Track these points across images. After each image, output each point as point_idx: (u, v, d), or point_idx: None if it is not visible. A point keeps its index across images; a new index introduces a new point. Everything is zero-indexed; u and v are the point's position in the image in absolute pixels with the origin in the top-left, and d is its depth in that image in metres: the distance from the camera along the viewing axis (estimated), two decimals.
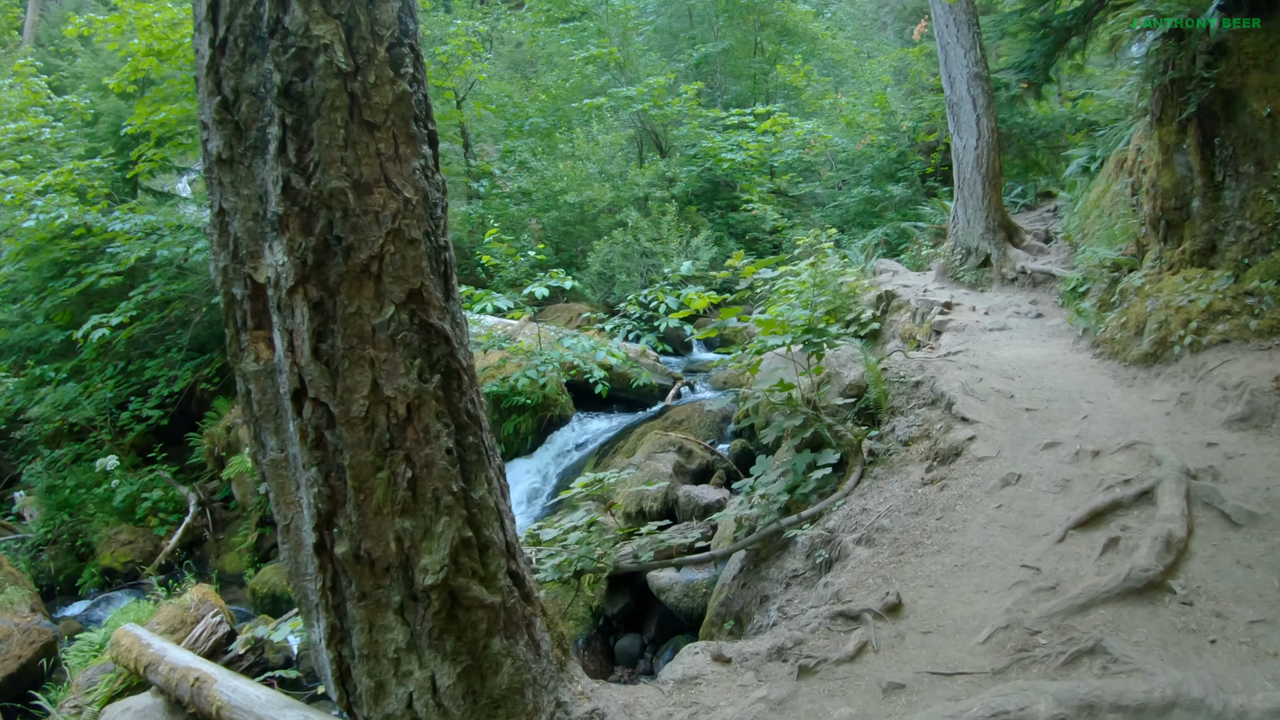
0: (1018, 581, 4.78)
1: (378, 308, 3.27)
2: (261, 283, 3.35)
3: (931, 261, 13.42)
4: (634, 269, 14.85)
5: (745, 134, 16.79)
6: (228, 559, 13.20)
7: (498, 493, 3.71)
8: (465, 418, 3.52)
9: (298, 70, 3.16)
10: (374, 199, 3.22)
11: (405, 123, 3.30)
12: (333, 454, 3.32)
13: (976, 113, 11.90)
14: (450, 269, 3.51)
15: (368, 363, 3.27)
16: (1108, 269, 9.12)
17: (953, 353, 8.83)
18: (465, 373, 3.52)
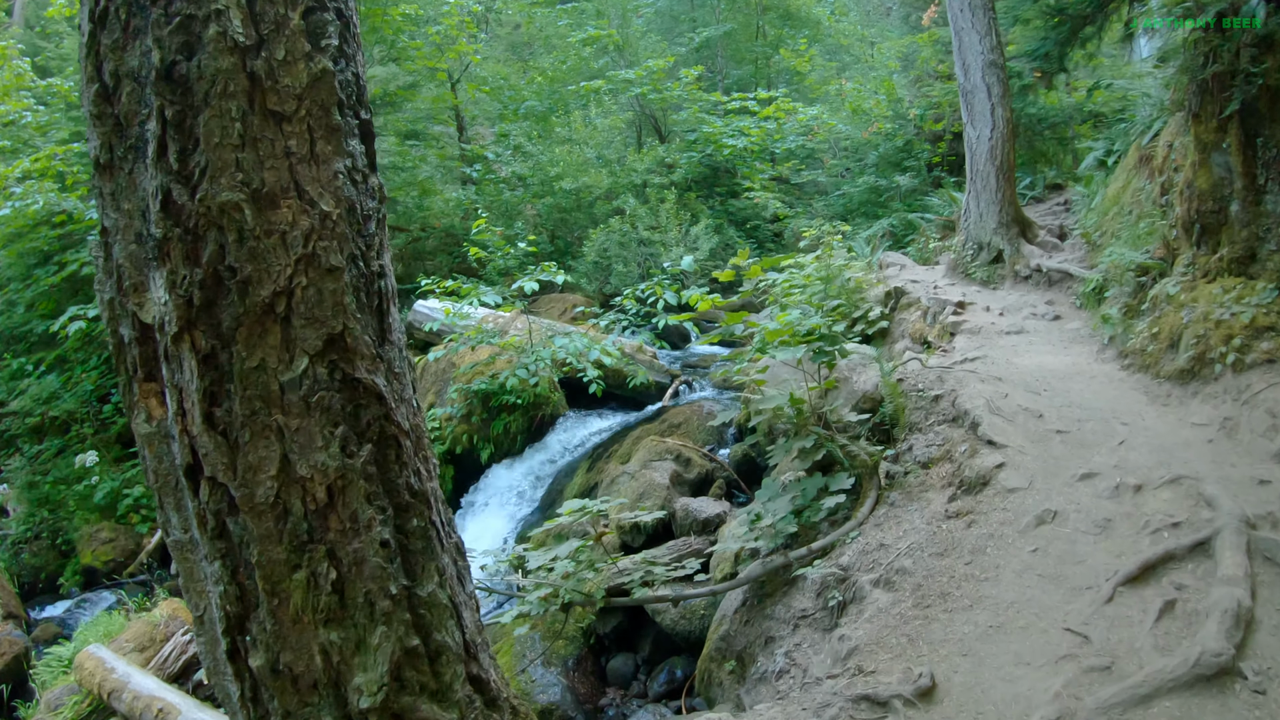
0: (1065, 655, 4.00)
1: (286, 360, 2.47)
2: (149, 323, 2.55)
3: (940, 255, 12.60)
4: (631, 258, 14.02)
5: (747, 119, 15.87)
6: None
7: (453, 581, 2.91)
8: (407, 496, 2.71)
9: (182, 46, 2.36)
10: (280, 215, 2.42)
11: (325, 111, 2.48)
12: (239, 547, 2.54)
13: (991, 102, 11.05)
14: (388, 301, 2.69)
15: (274, 433, 2.48)
16: (1133, 272, 8.31)
17: (970, 359, 8.04)
18: (407, 437, 2.72)
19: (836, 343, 6.64)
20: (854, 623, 4.99)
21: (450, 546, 2.94)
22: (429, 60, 14.65)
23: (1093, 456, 5.78)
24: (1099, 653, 3.95)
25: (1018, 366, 7.72)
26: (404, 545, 2.71)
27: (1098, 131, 14.86)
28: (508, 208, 15.52)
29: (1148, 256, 8.26)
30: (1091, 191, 11.90)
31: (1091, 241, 10.54)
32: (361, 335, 2.54)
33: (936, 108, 14.51)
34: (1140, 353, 7.40)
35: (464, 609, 2.94)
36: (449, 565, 2.88)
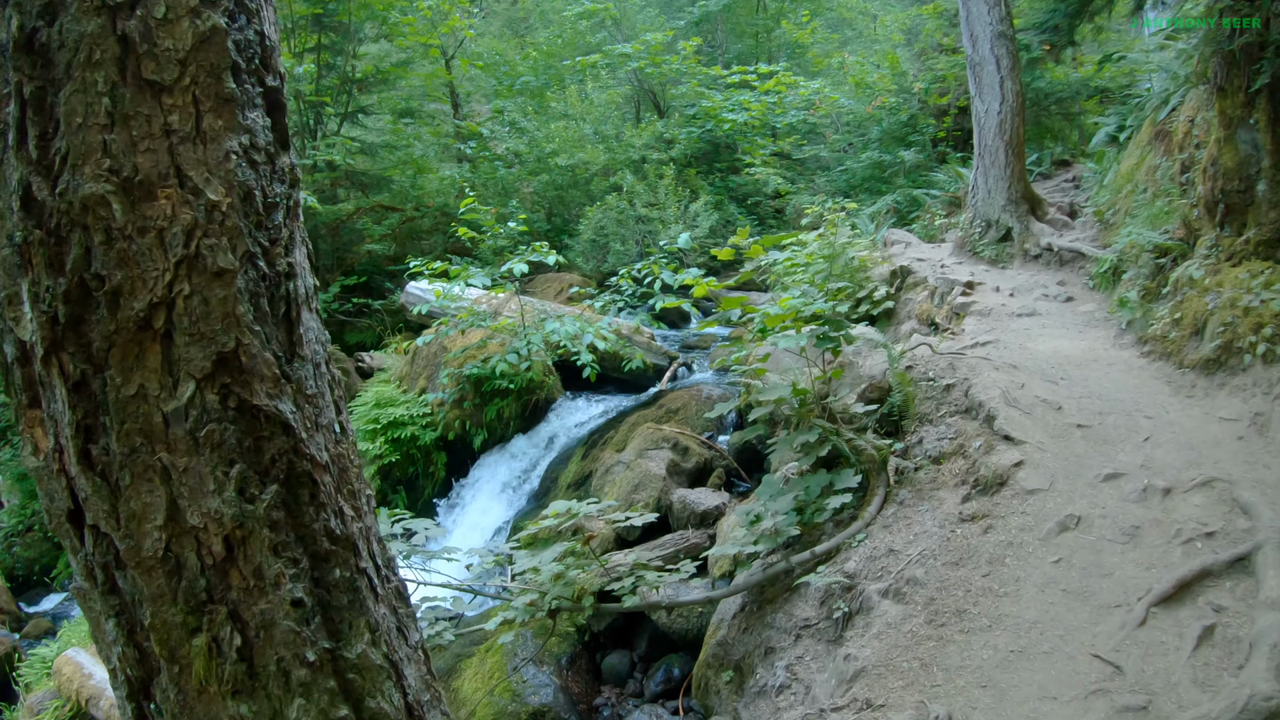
0: (1095, 688, 3.54)
1: (169, 386, 1.98)
2: (25, 341, 2.06)
3: (946, 233, 12.06)
4: (629, 236, 13.45)
5: (747, 93, 15.23)
6: None
7: (391, 635, 2.42)
8: (327, 544, 2.23)
9: (44, 8, 1.87)
10: (156, 208, 1.92)
11: (216, 78, 1.98)
12: (132, 605, 2.08)
13: (1000, 74, 10.47)
14: (299, 307, 2.19)
15: (159, 474, 1.99)
16: (1151, 253, 7.78)
17: (981, 343, 7.53)
18: (325, 471, 2.23)
19: (841, 328, 6.15)
20: (861, 638, 4.53)
21: (388, 594, 2.45)
22: (421, 36, 14.05)
23: (1117, 454, 5.29)
24: (1133, 688, 3.49)
25: (1032, 352, 7.22)
26: (325, 601, 2.22)
27: (1105, 107, 14.27)
28: (503, 185, 14.95)
29: (1167, 237, 7.73)
30: (1103, 168, 11.34)
31: (1104, 220, 10.00)
32: (260, 352, 2.04)
33: (941, 81, 13.91)
34: (1161, 339, 6.89)
35: (406, 666, 2.46)
36: (385, 618, 2.40)
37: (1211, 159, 6.94)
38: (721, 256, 6.78)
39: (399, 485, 10.64)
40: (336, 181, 14.46)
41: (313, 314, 2.27)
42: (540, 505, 9.52)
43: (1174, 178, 8.35)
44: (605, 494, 8.39)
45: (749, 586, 5.45)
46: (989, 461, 5.33)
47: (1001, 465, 5.24)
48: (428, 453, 10.70)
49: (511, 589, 5.85)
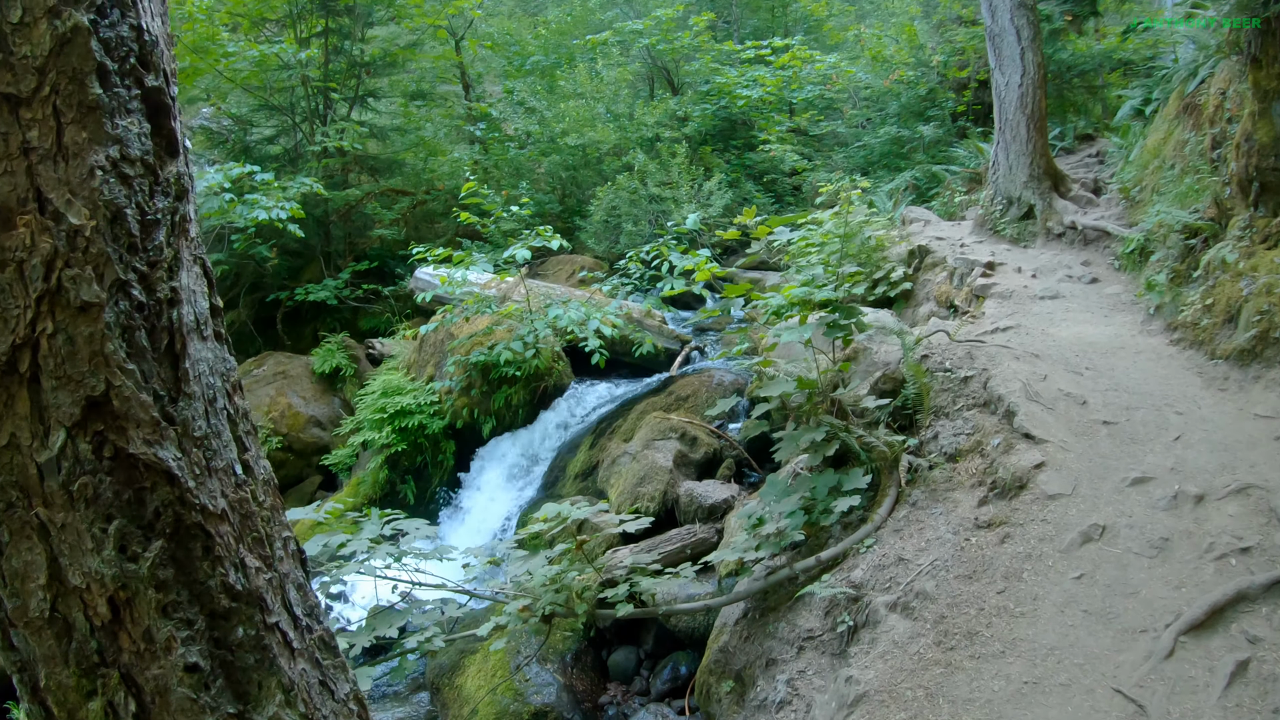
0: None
1: (40, 434, 1.69)
2: None
3: (966, 210, 11.63)
4: (641, 216, 13.06)
5: (762, 69, 14.75)
6: None
7: (311, 693, 2.14)
8: (226, 601, 1.94)
9: None
10: (14, 238, 1.62)
11: (80, 84, 1.67)
12: (29, 664, 1.82)
13: (1021, 45, 10.02)
14: (184, 338, 1.89)
15: (37, 531, 1.73)
16: (1180, 234, 7.38)
17: (1002, 328, 7.17)
18: (223, 521, 1.94)
19: (853, 315, 5.81)
20: (865, 656, 4.23)
21: (309, 647, 2.17)
22: (429, 18, 13.68)
23: (1145, 455, 4.94)
24: None
25: (1055, 339, 6.85)
26: (228, 662, 1.94)
27: (1128, 80, 13.73)
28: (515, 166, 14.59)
29: (1197, 217, 7.32)
30: (1128, 143, 10.87)
31: (1130, 197, 9.57)
32: (136, 395, 1.74)
33: (961, 54, 13.41)
34: (1192, 326, 6.50)
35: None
36: (304, 674, 2.12)
37: (1245, 134, 6.53)
38: (726, 237, 6.45)
39: (407, 475, 10.39)
40: (347, 167, 14.15)
41: (208, 342, 1.97)
42: (549, 495, 9.27)
43: (1204, 153, 7.92)
44: (611, 486, 8.13)
45: (750, 594, 5.15)
46: (1008, 462, 5.00)
47: (1021, 467, 4.91)
48: (436, 441, 10.44)
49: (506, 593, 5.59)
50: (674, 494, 7.53)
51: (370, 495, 10.38)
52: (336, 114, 14.24)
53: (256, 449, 2.14)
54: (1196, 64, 9.21)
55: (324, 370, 12.27)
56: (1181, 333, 6.63)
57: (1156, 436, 5.13)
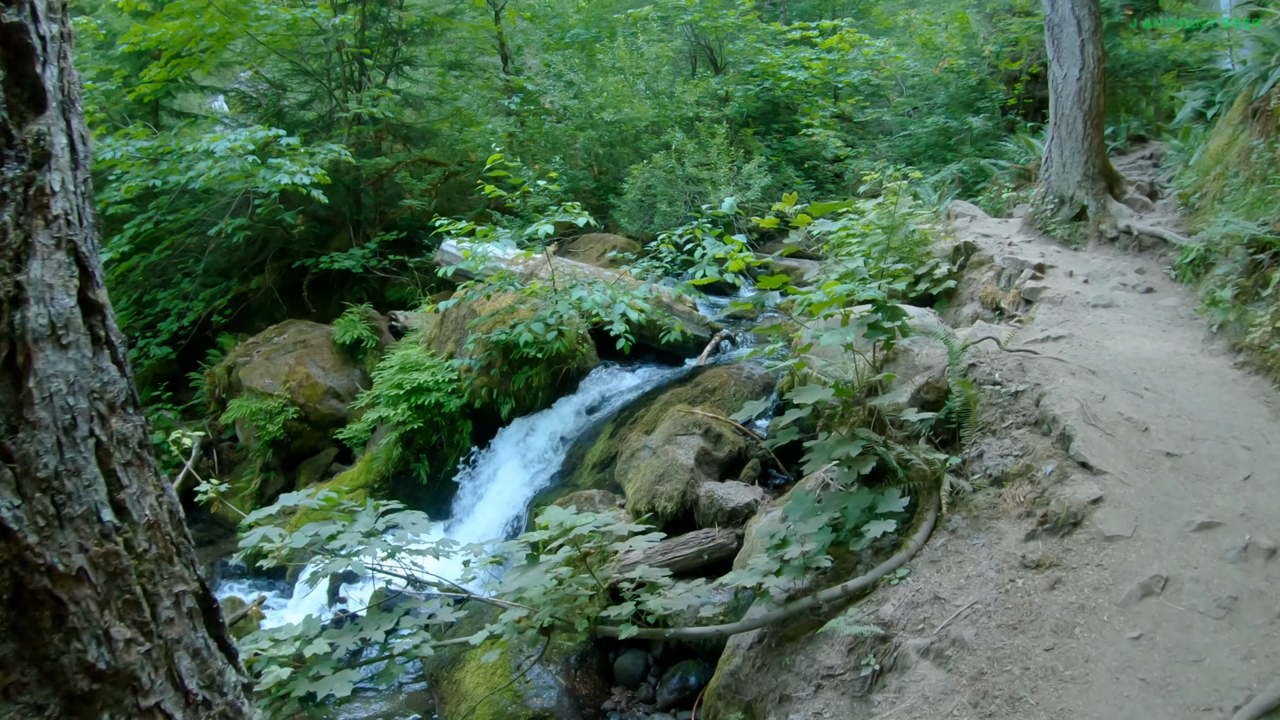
0: None
1: None
2: None
3: (1015, 207, 10.96)
4: (677, 197, 12.43)
5: (808, 51, 14.03)
6: (232, 504, 11.62)
7: None
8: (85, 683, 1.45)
9: None
10: None
11: None
12: None
13: (1081, 37, 9.31)
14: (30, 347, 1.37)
15: None
16: (1246, 247, 6.71)
17: (1054, 337, 6.58)
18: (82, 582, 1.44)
19: (897, 316, 5.23)
20: (891, 707, 3.71)
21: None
22: None
23: (1212, 496, 4.35)
24: None
25: (1111, 353, 6.24)
26: None
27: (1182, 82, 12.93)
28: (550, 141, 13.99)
29: (1266, 230, 6.65)
30: (1189, 147, 10.15)
31: (1189, 204, 8.88)
32: None
33: (1014, 45, 12.66)
34: (1260, 350, 5.87)
35: None
36: None
37: None
38: (764, 225, 5.88)
39: (421, 453, 9.95)
40: (380, 135, 13.62)
41: (71, 350, 1.46)
42: (566, 483, 8.80)
43: (1275, 162, 7.23)
44: (629, 481, 7.62)
45: (766, 623, 4.63)
46: (1061, 494, 4.43)
47: (1076, 501, 4.33)
48: (453, 420, 9.97)
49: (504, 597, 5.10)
50: (694, 494, 7.01)
51: (383, 473, 9.98)
52: (372, 81, 13.73)
53: (144, 482, 1.63)
54: (1267, 66, 8.49)
55: (345, 341, 11.84)
56: (1247, 355, 6.00)
57: (1224, 475, 4.53)
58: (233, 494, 11.25)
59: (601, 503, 7.64)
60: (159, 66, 12.13)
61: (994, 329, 7.09)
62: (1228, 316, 6.40)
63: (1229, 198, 8.15)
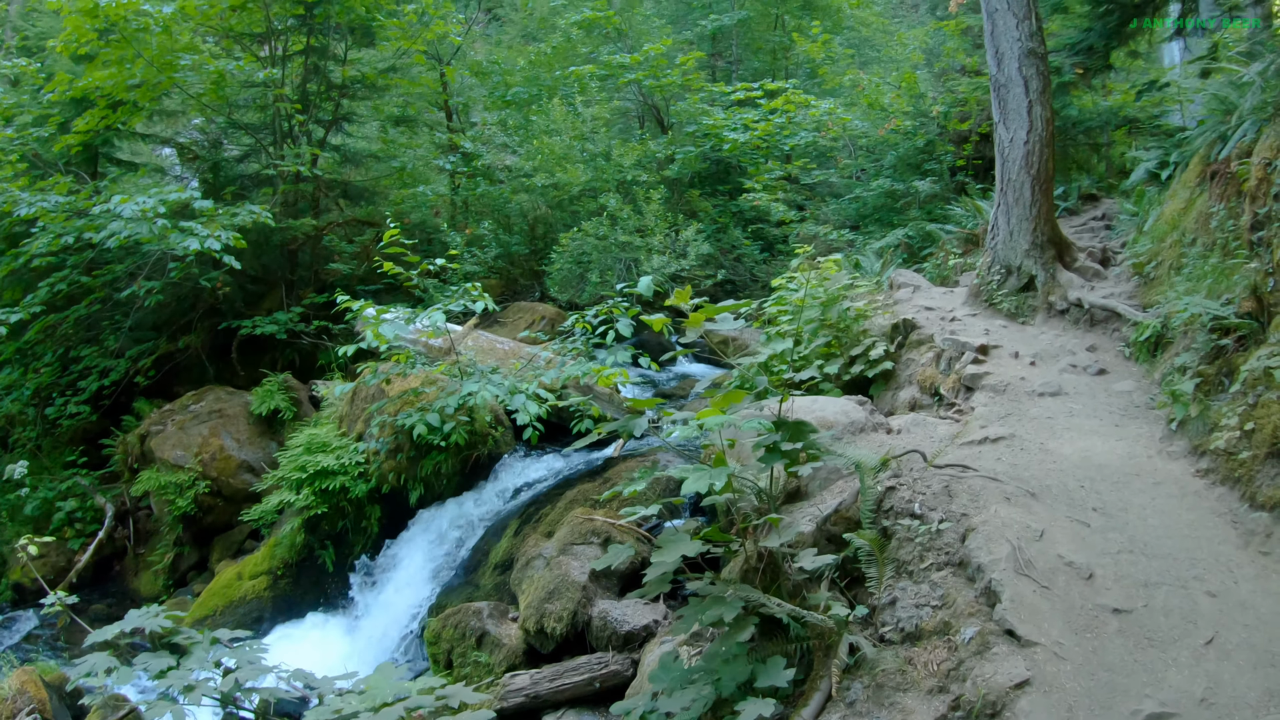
0: None
1: None
2: None
3: (961, 274, 10.00)
4: (610, 264, 11.36)
5: (752, 112, 13.07)
6: (144, 578, 10.59)
7: None
8: None
9: None
10: None
11: None
12: None
13: (1029, 98, 8.40)
14: None
15: None
16: (1208, 330, 5.73)
17: (992, 438, 5.56)
18: None
19: (801, 435, 4.19)
20: None
21: None
22: (407, 41, 12.16)
23: (1166, 671, 3.31)
24: None
25: (1056, 459, 5.22)
26: None
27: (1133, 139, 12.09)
28: (486, 204, 12.96)
29: (1230, 311, 5.66)
30: (1142, 210, 9.22)
31: (1143, 273, 7.94)
32: None
33: (963, 105, 11.76)
34: (1226, 456, 4.85)
35: None
36: None
37: None
38: (655, 326, 4.83)
39: (327, 540, 8.87)
40: (318, 192, 12.60)
41: None
42: (468, 582, 7.71)
43: (1240, 234, 6.27)
44: (523, 592, 6.54)
45: None
46: (981, 672, 3.36)
47: (997, 684, 3.27)
48: (360, 506, 8.90)
49: None
50: (586, 614, 5.93)
51: (286, 559, 8.96)
52: (312, 137, 12.77)
53: None
54: (1227, 127, 7.58)
55: (261, 412, 10.80)
56: (1211, 461, 4.98)
57: (1183, 637, 3.49)
58: (147, 567, 10.45)
59: (490, 616, 6.56)
60: (92, 115, 11.19)
61: (928, 428, 6.05)
62: (1189, 412, 5.39)
63: (1187, 268, 7.19)
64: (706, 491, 3.75)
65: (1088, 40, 10.73)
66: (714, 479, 3.65)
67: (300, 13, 11.95)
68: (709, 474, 3.70)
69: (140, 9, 10.56)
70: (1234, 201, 6.85)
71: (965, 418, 6.23)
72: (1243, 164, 6.42)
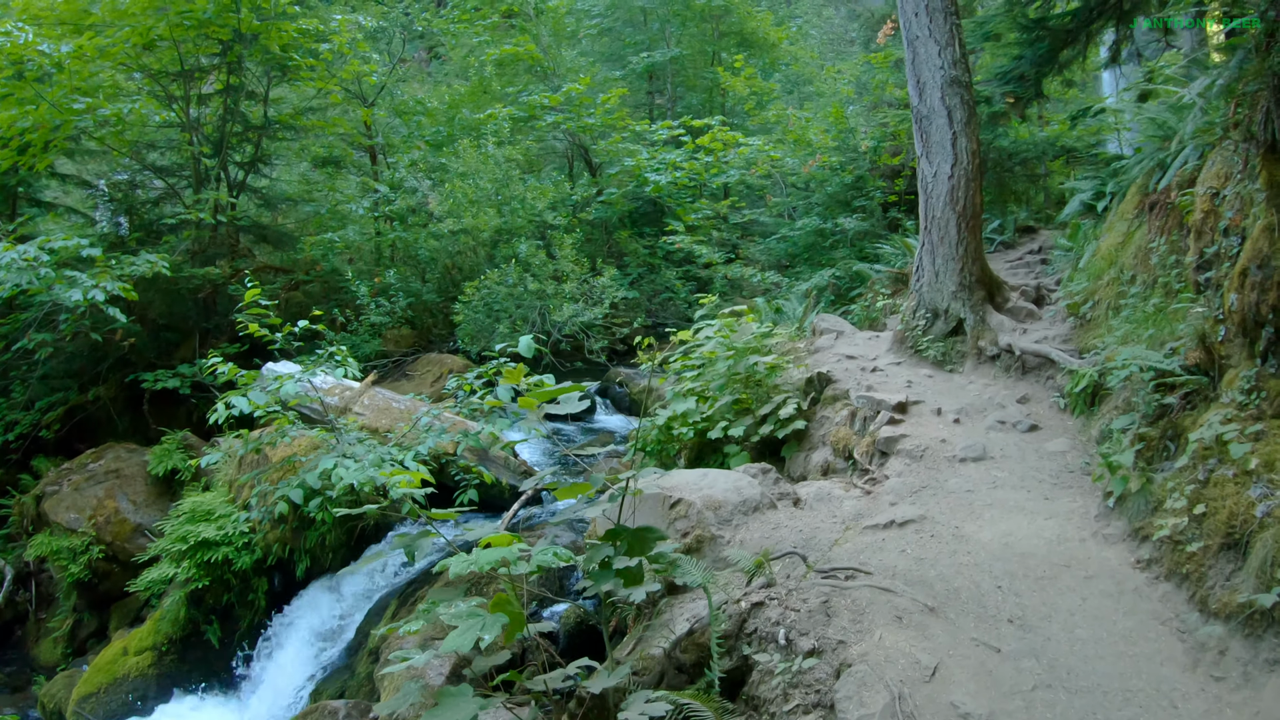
0: None
1: None
2: None
3: (889, 317, 9.05)
4: (521, 314, 10.20)
5: (675, 152, 12.06)
6: (44, 645, 9.51)
7: None
8: None
9: None
10: None
11: None
12: None
13: (953, 130, 7.50)
14: None
15: None
16: (1151, 386, 4.76)
17: (899, 521, 4.55)
18: None
19: (645, 548, 3.16)
20: None
21: None
22: (321, 81, 11.16)
23: None
24: None
25: (972, 547, 4.21)
26: None
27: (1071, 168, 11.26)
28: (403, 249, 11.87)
29: (1176, 363, 4.70)
30: (1078, 245, 8.33)
31: (1079, 315, 6.99)
32: None
33: (893, 139, 10.86)
34: (1172, 545, 3.86)
35: None
36: None
37: (1257, 255, 3.97)
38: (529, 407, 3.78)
39: (213, 614, 7.77)
40: (231, 238, 11.49)
41: None
42: (348, 666, 6.62)
43: (1186, 273, 5.31)
44: (385, 689, 5.44)
45: None
46: None
47: None
48: (246, 578, 7.78)
49: None
50: None
51: (170, 635, 7.88)
52: (234, 179, 11.72)
53: None
54: (1165, 154, 6.68)
55: (158, 472, 9.67)
56: (1155, 550, 3.98)
57: None
58: (48, 634, 9.36)
59: (348, 717, 5.43)
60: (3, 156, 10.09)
61: (833, 504, 5.02)
62: (1128, 487, 4.39)
63: (1127, 309, 6.27)
64: (473, 648, 2.70)
65: (1019, 68, 9.88)
66: (486, 631, 2.61)
67: (216, 51, 10.96)
68: (481, 623, 2.66)
69: (39, 48, 9.57)
70: (1175, 235, 5.93)
71: (877, 488, 5.22)
72: (1185, 194, 5.49)
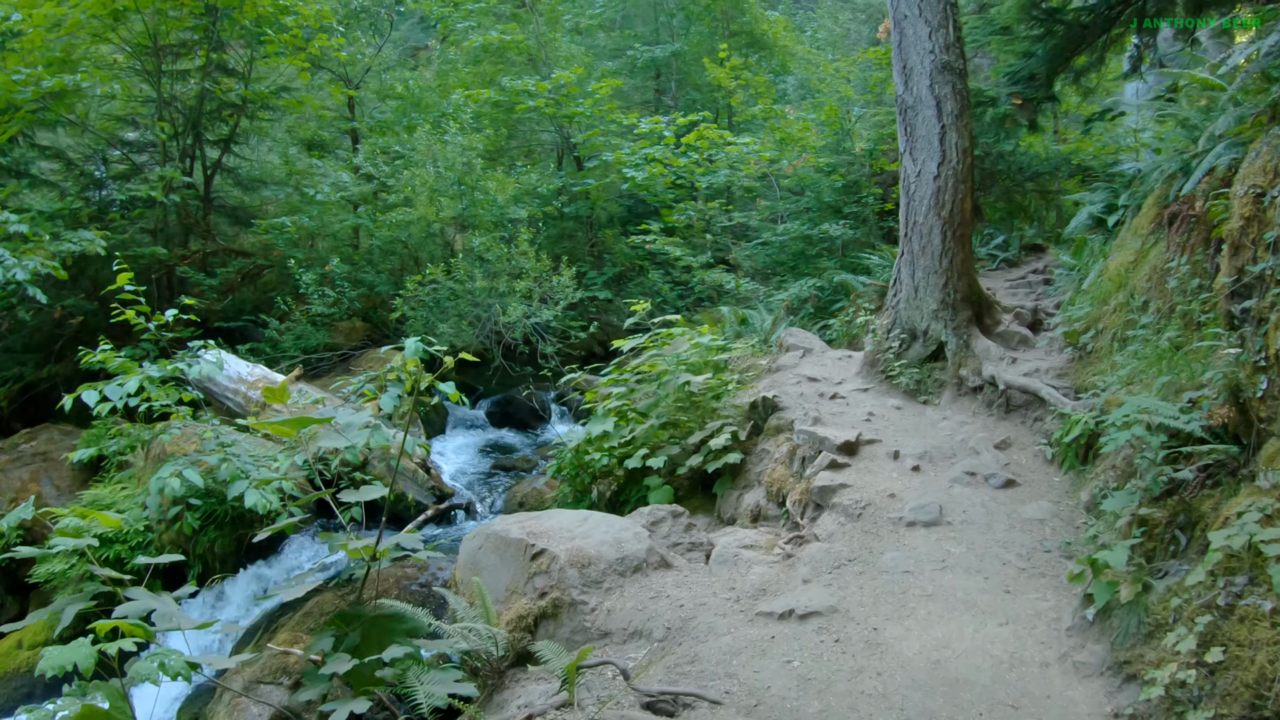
0: None
1: None
2: None
3: (868, 335, 7.62)
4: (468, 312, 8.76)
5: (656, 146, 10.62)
6: None
7: None
8: None
9: None
10: None
11: None
12: None
13: (942, 123, 6.08)
14: None
15: None
16: (1160, 445, 3.34)
17: (801, 613, 3.21)
18: None
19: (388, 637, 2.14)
20: None
21: None
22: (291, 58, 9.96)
23: None
24: None
25: (887, 662, 2.87)
26: None
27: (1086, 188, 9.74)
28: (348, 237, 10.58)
29: (1195, 420, 3.28)
30: (1082, 264, 6.86)
31: (1078, 345, 5.55)
32: None
33: (892, 140, 9.38)
34: (1168, 707, 2.45)
35: None
36: None
37: None
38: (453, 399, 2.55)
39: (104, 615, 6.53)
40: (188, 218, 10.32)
41: None
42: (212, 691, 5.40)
43: (1215, 300, 3.86)
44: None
45: None
46: None
47: None
48: (140, 580, 6.55)
49: None
50: None
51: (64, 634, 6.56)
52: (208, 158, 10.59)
53: None
54: (1188, 155, 5.20)
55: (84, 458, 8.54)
56: (1142, 707, 2.58)
57: None
58: None
59: None
60: None
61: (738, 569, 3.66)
62: (1116, 596, 2.99)
63: (1135, 342, 4.82)
64: None
65: (1028, 68, 8.41)
66: None
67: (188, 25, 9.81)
68: None
69: None
70: (1200, 253, 4.48)
71: (799, 552, 3.88)
72: (1216, 199, 4.04)
